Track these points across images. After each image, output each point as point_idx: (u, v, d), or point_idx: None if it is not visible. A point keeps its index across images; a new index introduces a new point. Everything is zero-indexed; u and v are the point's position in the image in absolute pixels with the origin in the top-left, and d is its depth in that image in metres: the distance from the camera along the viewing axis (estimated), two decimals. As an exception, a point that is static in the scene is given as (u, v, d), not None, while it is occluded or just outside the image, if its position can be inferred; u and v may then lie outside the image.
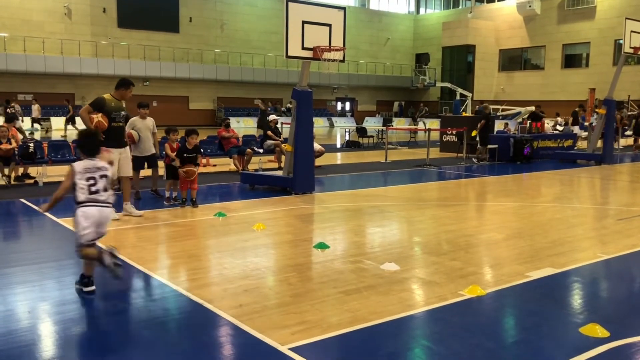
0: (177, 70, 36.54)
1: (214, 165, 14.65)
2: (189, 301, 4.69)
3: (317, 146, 13.61)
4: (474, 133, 16.82)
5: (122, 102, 8.29)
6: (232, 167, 13.68)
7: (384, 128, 20.63)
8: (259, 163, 12.74)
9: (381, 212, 8.85)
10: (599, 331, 4.03)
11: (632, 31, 15.64)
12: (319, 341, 3.87)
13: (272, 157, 14.98)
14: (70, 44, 33.34)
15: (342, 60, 10.61)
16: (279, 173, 11.17)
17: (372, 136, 23.25)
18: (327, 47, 10.15)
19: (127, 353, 3.73)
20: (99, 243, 5.00)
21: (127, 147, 8.36)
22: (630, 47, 15.74)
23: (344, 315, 4.37)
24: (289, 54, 10.00)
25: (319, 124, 40.42)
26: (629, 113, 25.08)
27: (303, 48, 10.06)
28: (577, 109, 24.28)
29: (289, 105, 37.72)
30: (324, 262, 5.92)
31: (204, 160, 14.65)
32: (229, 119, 15.85)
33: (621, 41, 16.05)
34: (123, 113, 8.24)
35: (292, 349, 3.71)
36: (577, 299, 4.98)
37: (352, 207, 9.31)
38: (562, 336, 4.05)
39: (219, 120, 32.25)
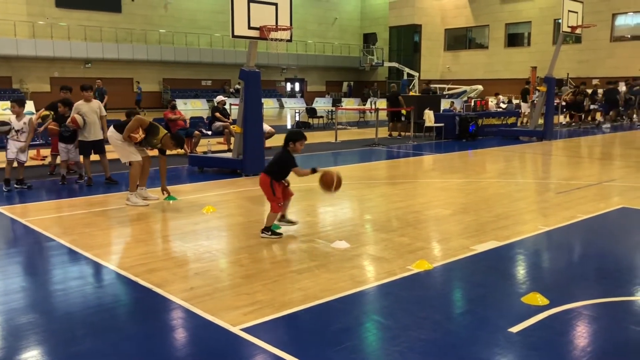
0: (120, 51, 35.43)
1: (162, 149, 14.35)
2: (138, 286, 4.62)
3: (267, 127, 13.53)
4: (404, 111, 17.37)
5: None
6: (180, 150, 13.43)
7: (334, 108, 20.69)
8: (207, 145, 12.57)
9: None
10: (539, 299, 4.22)
11: (569, 11, 16.15)
12: (271, 320, 3.90)
13: (221, 139, 14.80)
14: (4, 24, 31.76)
15: (290, 40, 10.53)
16: (229, 155, 11.07)
17: (322, 117, 23.31)
18: (274, 27, 10.06)
19: (75, 341, 3.66)
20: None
21: None
22: (568, 26, 16.26)
23: (296, 294, 4.41)
24: (235, 33, 9.86)
25: (269, 104, 40.13)
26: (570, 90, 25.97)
27: (250, 27, 9.93)
28: (526, 86, 24.91)
29: (237, 86, 37.23)
30: (276, 242, 5.93)
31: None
32: (175, 101, 15.57)
33: (560, 20, 16.55)
34: None
35: (244, 330, 3.73)
36: (519, 270, 5.19)
37: (303, 187, 9.34)
38: (506, 306, 4.22)
39: (165, 102, 31.57)
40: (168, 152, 8.34)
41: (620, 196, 8.33)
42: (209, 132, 14.21)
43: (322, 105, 36.18)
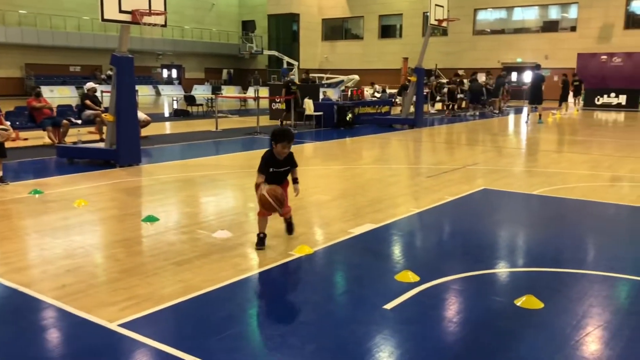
0: (-27, 32, 32.16)
1: (25, 139, 13.32)
2: (3, 287, 4.29)
3: (142, 115, 13.03)
4: (282, 106, 17.49)
5: None
6: (47, 141, 12.57)
7: (214, 96, 20.38)
8: (77, 135, 11.85)
9: (213, 181, 8.81)
10: (411, 277, 4.50)
11: (436, 5, 17.14)
12: (151, 314, 3.81)
13: (92, 129, 14.02)
14: None
15: (164, 25, 10.20)
16: (101, 145, 10.52)
17: (201, 104, 22.85)
18: (147, 11, 9.67)
19: None
20: None
21: None
22: (435, 20, 17.26)
23: (176, 286, 4.33)
24: (105, 17, 9.35)
25: (144, 92, 38.52)
26: (442, 81, 27.56)
27: (121, 11, 9.47)
28: (409, 78, 26.11)
29: (109, 72, 35.31)
30: (154, 235, 5.77)
31: (13, 134, 13.25)
32: (40, 88, 14.50)
33: (428, 14, 17.52)
34: None
35: (122, 325, 3.61)
36: (393, 250, 5.48)
37: (182, 177, 9.14)
38: (381, 284, 4.45)
39: (29, 89, 29.18)
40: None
41: (482, 178, 9.05)
42: (79, 121, 13.40)
43: (201, 92, 35.40)
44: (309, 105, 17.67)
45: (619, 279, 4.60)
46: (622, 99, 28.42)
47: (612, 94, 28.80)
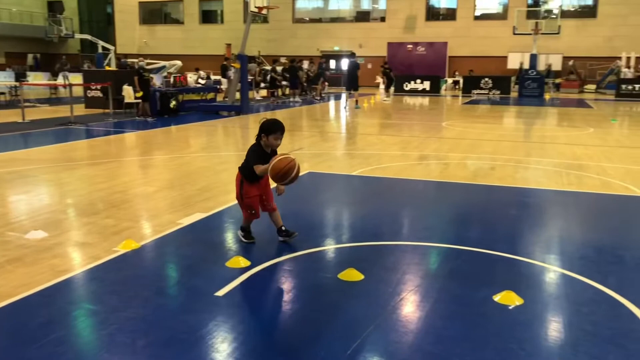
0: None
1: None
2: None
3: None
4: (139, 94, 16.17)
5: None
6: None
7: (18, 84, 18.44)
8: None
9: (23, 177, 8.03)
10: (241, 262, 4.59)
11: (255, -8, 17.31)
12: (-46, 329, 3.42)
13: None
14: None
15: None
16: None
17: (3, 93, 20.60)
18: None
19: None
20: None
21: None
22: (255, 7, 17.43)
23: (-16, 295, 3.92)
24: None
25: None
26: (265, 68, 27.92)
27: None
28: (224, 62, 25.84)
29: None
30: (-47, 241, 5.13)
31: None
32: None
33: (248, 0, 17.61)
34: None
35: None
36: (224, 238, 5.52)
37: (-16, 175, 8.19)
38: (213, 272, 4.47)
39: None
40: None
41: (307, 162, 9.43)
42: None
43: (2, 80, 31.75)
44: (128, 92, 16.82)
45: (427, 247, 5.15)
46: (427, 84, 31.39)
47: (418, 80, 31.66)
